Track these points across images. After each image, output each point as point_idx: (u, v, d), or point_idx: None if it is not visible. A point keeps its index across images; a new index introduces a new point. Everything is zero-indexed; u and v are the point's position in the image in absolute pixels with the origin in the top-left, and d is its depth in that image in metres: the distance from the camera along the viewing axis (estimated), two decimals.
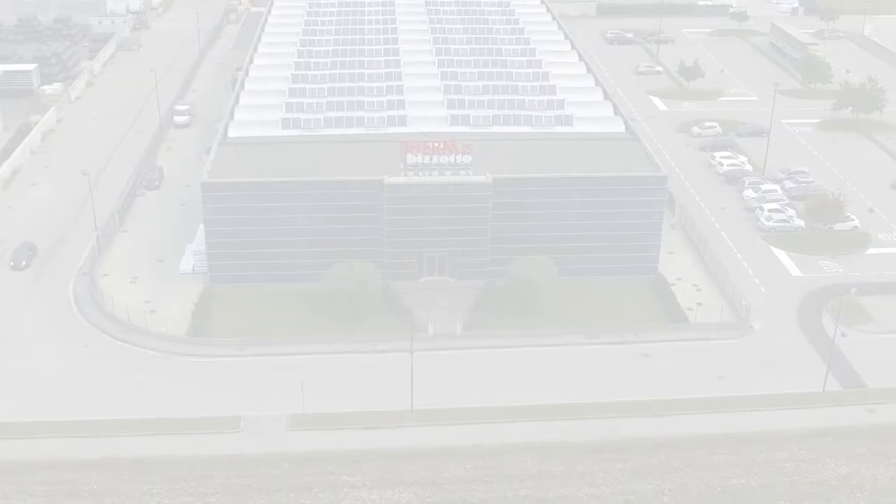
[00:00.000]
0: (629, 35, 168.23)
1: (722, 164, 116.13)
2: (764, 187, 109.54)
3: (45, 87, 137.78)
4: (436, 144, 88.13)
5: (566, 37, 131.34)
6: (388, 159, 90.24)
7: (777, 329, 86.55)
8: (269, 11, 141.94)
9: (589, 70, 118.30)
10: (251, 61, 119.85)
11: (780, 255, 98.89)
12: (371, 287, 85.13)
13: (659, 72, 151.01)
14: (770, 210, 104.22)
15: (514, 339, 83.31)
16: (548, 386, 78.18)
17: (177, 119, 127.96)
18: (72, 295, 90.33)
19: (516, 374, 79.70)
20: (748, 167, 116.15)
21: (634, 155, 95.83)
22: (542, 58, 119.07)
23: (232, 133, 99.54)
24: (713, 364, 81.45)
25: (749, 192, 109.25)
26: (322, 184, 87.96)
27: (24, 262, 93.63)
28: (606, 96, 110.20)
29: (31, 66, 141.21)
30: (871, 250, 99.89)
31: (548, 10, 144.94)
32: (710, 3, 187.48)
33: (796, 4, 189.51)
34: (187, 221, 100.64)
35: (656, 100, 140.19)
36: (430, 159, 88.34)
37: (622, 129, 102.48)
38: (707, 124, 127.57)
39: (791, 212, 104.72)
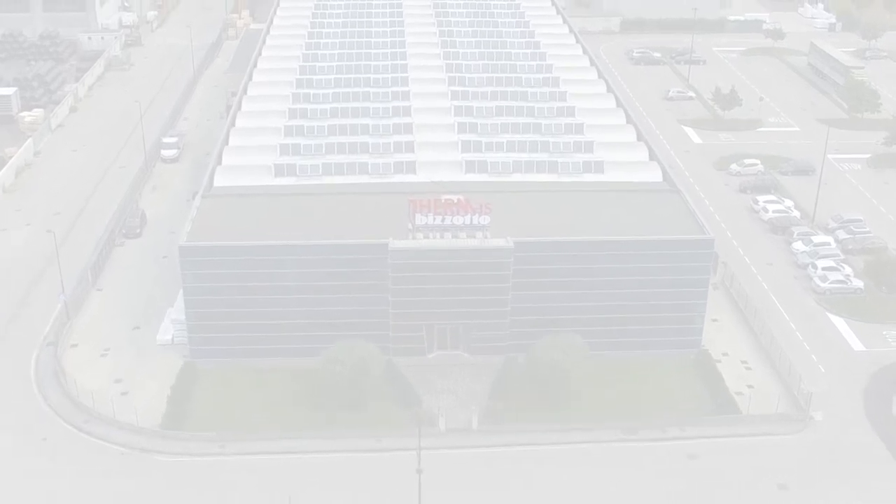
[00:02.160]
0: (656, 54, 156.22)
1: (766, 210, 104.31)
2: (815, 239, 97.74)
3: (25, 113, 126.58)
4: (448, 203, 76.69)
5: (591, 62, 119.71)
6: (395, 216, 79.00)
7: (842, 420, 74.93)
8: (267, 31, 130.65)
9: (619, 104, 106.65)
10: (245, 91, 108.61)
11: (838, 323, 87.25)
12: (373, 370, 73.70)
13: (691, 97, 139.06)
14: (824, 268, 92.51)
15: (539, 436, 71.79)
16: (579, 496, 66.69)
17: (164, 153, 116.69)
18: (33, 371, 79.17)
19: (542, 480, 68.23)
20: (795, 213, 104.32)
21: (675, 210, 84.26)
22: (566, 89, 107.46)
23: (218, 181, 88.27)
24: (771, 467, 69.81)
25: (799, 245, 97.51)
26: (318, 248, 76.71)
27: None
28: (639, 136, 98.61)
29: (10, 90, 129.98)
30: None
31: (570, 30, 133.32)
32: (741, 17, 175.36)
33: (834, 20, 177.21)
34: (169, 278, 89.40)
35: (689, 131, 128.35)
36: (443, 220, 76.95)
37: (659, 176, 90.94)
38: (747, 161, 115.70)
39: (848, 270, 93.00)
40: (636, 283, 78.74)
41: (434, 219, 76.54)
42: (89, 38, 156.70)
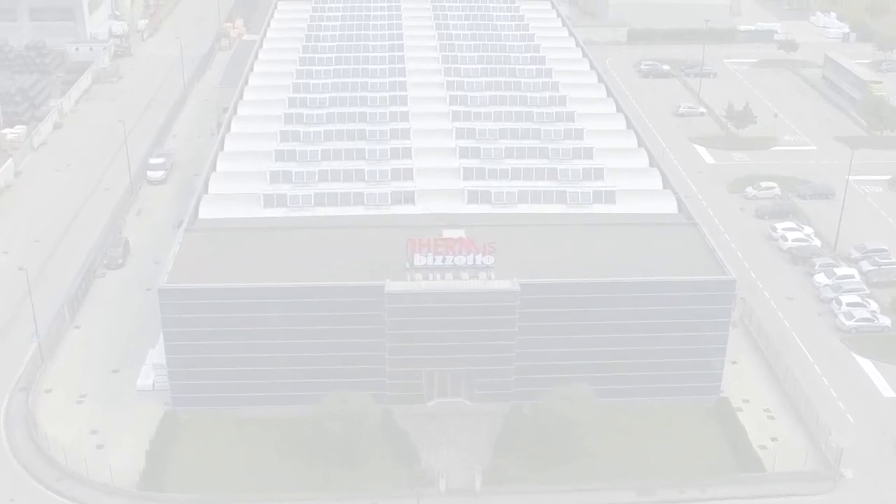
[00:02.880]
0: (665, 67, 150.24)
1: (785, 239, 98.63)
2: (839, 272, 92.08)
3: (7, 130, 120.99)
4: (450, 243, 71.09)
5: (599, 79, 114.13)
6: (392, 252, 73.51)
7: (873, 478, 69.37)
8: (260, 44, 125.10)
9: (629, 125, 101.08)
10: (235, 111, 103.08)
11: (866, 365, 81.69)
12: (368, 424, 68.07)
13: (702, 113, 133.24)
14: (849, 304, 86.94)
15: (546, 497, 66.24)
16: None
17: (151, 174, 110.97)
18: (2, 421, 73.60)
19: None
20: (816, 242, 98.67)
21: (692, 246, 78.61)
22: (574, 108, 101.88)
23: (204, 213, 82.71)
24: None
25: (821, 278, 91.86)
26: (308, 290, 71.02)
27: None
28: (652, 161, 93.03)
29: None
30: None
31: (577, 43, 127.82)
32: (752, 27, 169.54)
33: (847, 30, 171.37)
34: (152, 313, 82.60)
35: (701, 150, 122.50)
36: (443, 260, 71.36)
37: (674, 206, 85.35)
38: (764, 185, 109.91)
39: (874, 306, 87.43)
40: (651, 326, 73.18)
41: (434, 259, 70.96)
42: (77, 48, 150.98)
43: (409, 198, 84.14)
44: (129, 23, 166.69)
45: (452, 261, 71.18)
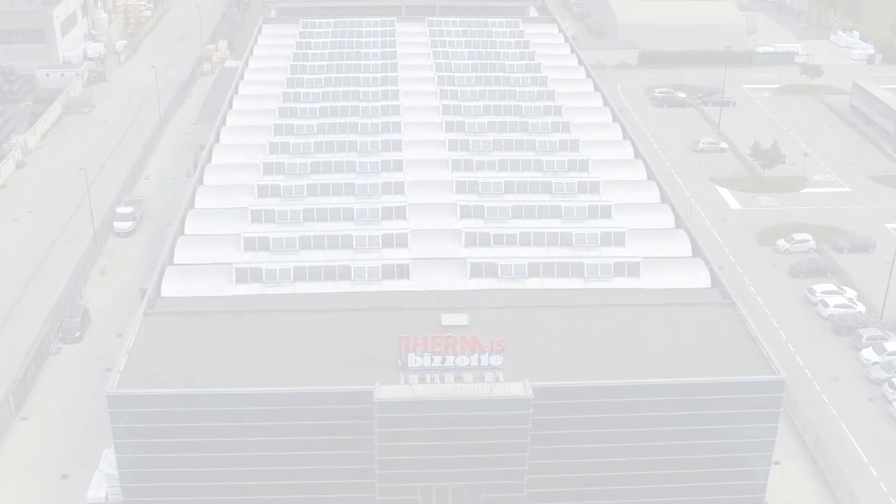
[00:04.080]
0: (681, 95, 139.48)
1: (826, 304, 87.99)
2: (889, 346, 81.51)
3: None
4: (451, 342, 60.33)
5: (614, 118, 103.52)
6: (382, 342, 63.08)
7: None
8: (241, 76, 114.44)
9: (650, 175, 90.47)
10: (209, 157, 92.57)
11: None
12: None
13: (723, 149, 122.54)
14: None
15: None
16: None
17: (118, 225, 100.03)
18: None
19: None
20: (860, 307, 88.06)
21: (729, 333, 67.76)
22: (588, 155, 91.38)
23: (167, 289, 71.89)
24: None
25: (869, 354, 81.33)
26: (283, 397, 60.24)
27: None
28: (678, 222, 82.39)
29: None
30: None
31: (587, 74, 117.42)
32: (771, 49, 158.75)
33: (872, 51, 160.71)
34: None
35: (725, 192, 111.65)
36: (443, 360, 60.67)
37: (707, 279, 74.62)
38: (797, 237, 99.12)
39: None
40: (685, 433, 62.44)
41: (432, 360, 60.23)
42: (47, 74, 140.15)
43: (402, 271, 73.29)
44: (105, 44, 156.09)
45: (454, 361, 60.47)
